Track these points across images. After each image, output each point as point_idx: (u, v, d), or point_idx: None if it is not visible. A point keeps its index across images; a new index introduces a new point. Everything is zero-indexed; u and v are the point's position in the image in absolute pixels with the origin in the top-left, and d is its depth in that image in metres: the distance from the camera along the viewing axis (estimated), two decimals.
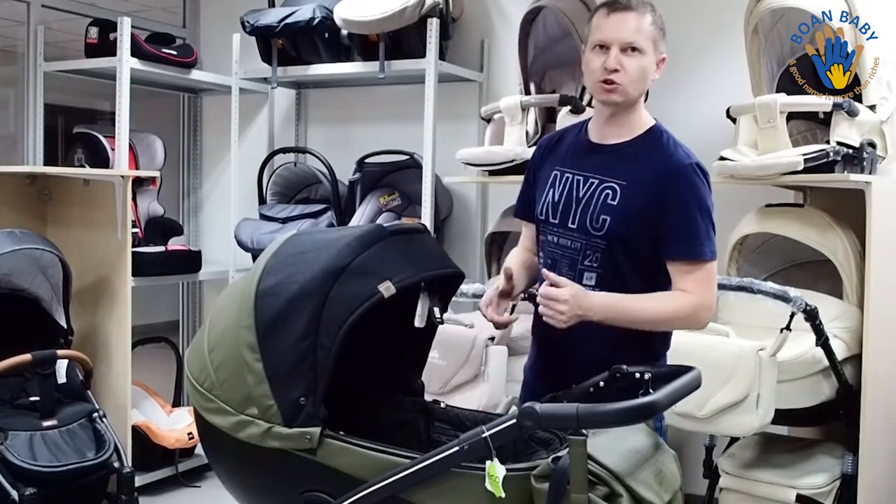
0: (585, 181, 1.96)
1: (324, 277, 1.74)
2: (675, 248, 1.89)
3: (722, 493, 2.93)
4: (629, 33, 1.89)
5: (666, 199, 1.89)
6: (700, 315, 1.91)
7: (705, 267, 1.90)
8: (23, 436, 2.83)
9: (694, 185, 1.90)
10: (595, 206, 1.92)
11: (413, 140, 3.84)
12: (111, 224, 3.41)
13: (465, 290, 3.05)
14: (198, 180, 4.77)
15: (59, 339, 3.19)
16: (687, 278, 1.89)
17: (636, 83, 1.92)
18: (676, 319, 1.93)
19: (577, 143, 2.04)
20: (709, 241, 1.90)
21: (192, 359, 1.89)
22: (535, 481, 1.58)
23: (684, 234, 1.88)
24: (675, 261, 1.90)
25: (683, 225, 1.88)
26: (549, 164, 2.05)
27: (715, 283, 1.94)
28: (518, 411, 1.56)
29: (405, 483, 1.63)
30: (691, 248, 1.89)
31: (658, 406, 1.55)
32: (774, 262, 3.21)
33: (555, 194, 1.99)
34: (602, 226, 1.91)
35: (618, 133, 1.98)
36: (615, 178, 1.93)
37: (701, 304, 1.90)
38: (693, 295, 1.89)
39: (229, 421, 1.78)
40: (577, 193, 1.96)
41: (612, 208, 1.91)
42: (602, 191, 1.93)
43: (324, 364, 1.71)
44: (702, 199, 1.91)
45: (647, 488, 1.61)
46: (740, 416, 2.57)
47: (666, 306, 1.89)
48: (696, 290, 1.89)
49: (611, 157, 1.97)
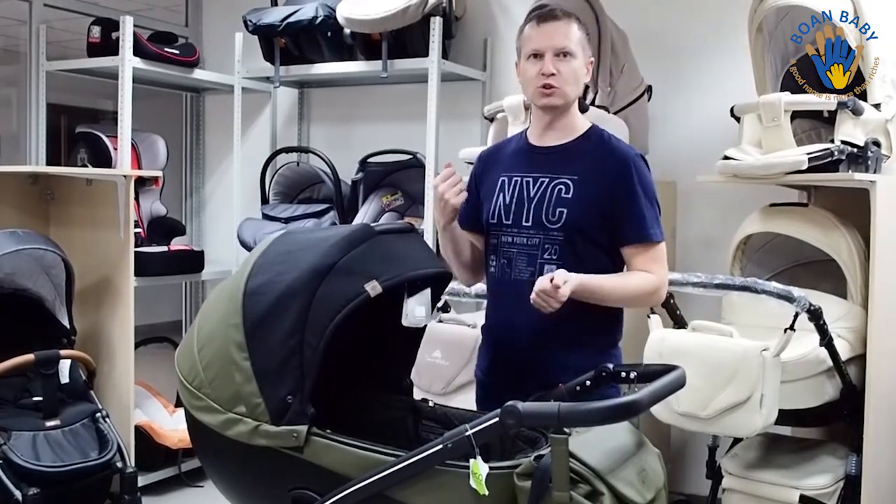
0: (535, 181, 2.08)
1: (311, 276, 1.74)
2: (630, 232, 2.04)
3: (725, 493, 2.91)
4: (561, 39, 2.03)
5: (617, 189, 2.03)
6: (661, 292, 2.09)
7: (657, 248, 2.06)
8: (26, 436, 2.85)
9: (641, 174, 2.06)
10: (549, 202, 2.04)
11: (416, 139, 3.82)
12: (114, 224, 3.41)
13: (467, 291, 3.05)
14: (200, 180, 4.78)
15: (62, 339, 3.20)
16: (643, 259, 2.04)
17: (571, 85, 2.06)
18: (643, 295, 2.08)
19: (520, 150, 2.17)
20: (657, 224, 2.07)
21: (182, 357, 1.90)
22: (517, 479, 1.58)
23: (636, 219, 2.03)
24: (630, 244, 2.05)
25: (635, 211, 2.03)
26: (494, 173, 2.16)
27: (666, 263, 2.10)
28: (501, 410, 1.56)
29: (390, 481, 1.63)
30: (644, 231, 2.03)
31: (640, 405, 1.54)
32: (778, 261, 3.20)
33: (505, 197, 2.10)
34: (559, 218, 2.03)
35: (559, 136, 2.11)
36: (566, 174, 2.06)
37: (661, 282, 2.07)
38: (653, 274, 2.04)
39: (218, 419, 1.79)
40: (529, 193, 2.08)
41: (568, 201, 2.03)
42: (555, 187, 2.05)
43: (311, 362, 1.71)
44: (648, 186, 2.06)
45: (630, 486, 1.61)
46: (744, 416, 2.56)
47: (636, 284, 2.04)
48: (655, 270, 2.05)
49: (557, 156, 2.09)
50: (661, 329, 2.82)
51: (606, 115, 3.16)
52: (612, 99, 3.32)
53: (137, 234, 3.86)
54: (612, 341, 2.12)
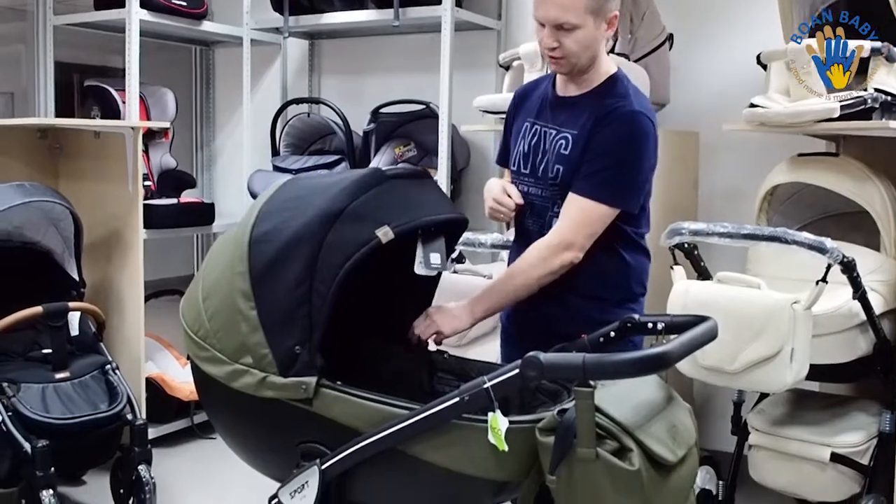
0: (549, 132, 2.00)
1: (319, 222, 1.65)
2: (580, 180, 1.90)
3: (751, 450, 2.84)
4: (557, 13, 1.87)
5: (591, 143, 1.90)
6: (558, 256, 1.89)
7: (587, 207, 1.89)
8: (35, 388, 2.80)
9: (623, 133, 1.89)
10: (552, 156, 1.96)
11: (429, 90, 3.74)
12: (123, 177, 3.37)
13: (483, 241, 2.98)
14: (211, 133, 4.74)
15: (72, 291, 3.15)
16: (565, 211, 1.91)
17: (578, 54, 1.92)
18: (538, 268, 1.91)
19: (545, 96, 2.07)
20: (612, 187, 1.89)
21: (187, 307, 1.83)
22: (539, 434, 1.50)
23: (591, 173, 1.89)
24: (572, 192, 1.91)
25: (594, 167, 1.89)
26: (522, 116, 2.09)
27: (589, 229, 1.90)
28: (521, 360, 1.47)
29: (404, 435, 1.55)
30: (589, 185, 1.89)
31: (671, 357, 1.45)
32: (805, 213, 3.10)
33: (525, 145, 2.04)
34: (556, 175, 1.95)
35: (579, 86, 2.00)
36: (569, 128, 1.96)
37: (559, 242, 1.89)
38: (547, 236, 1.91)
39: (224, 370, 1.72)
40: (544, 145, 2.00)
41: (564, 157, 1.94)
42: (558, 141, 1.97)
43: (319, 311, 1.63)
44: (624, 148, 1.90)
45: (660, 443, 1.52)
46: (773, 370, 2.48)
47: (525, 266, 1.92)
48: (559, 228, 1.90)
49: (569, 108, 1.99)
50: (685, 281, 2.74)
51: (627, 62, 3.09)
52: (633, 47, 3.25)
53: (147, 187, 3.85)
54: (630, 295, 2.02)
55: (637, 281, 2.04)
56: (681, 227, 2.71)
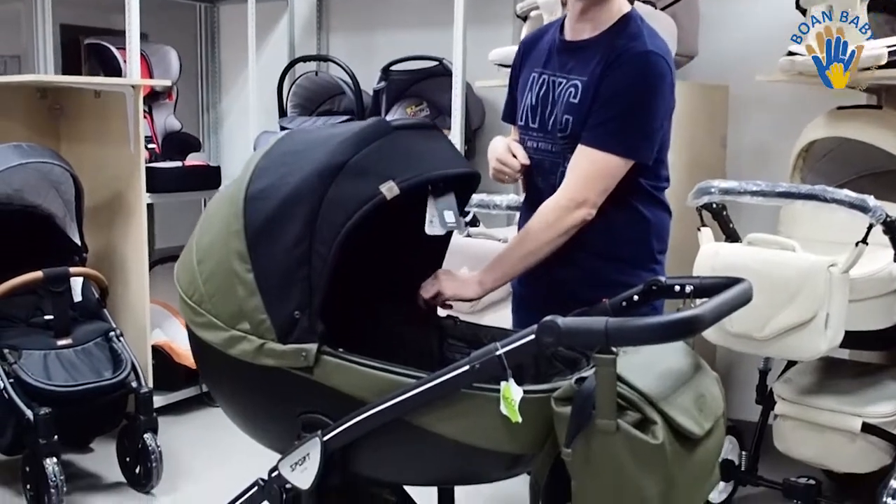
0: (557, 81, 1.88)
1: (318, 178, 1.52)
2: (588, 130, 1.78)
3: (777, 420, 2.74)
4: None
5: (601, 89, 1.78)
6: (566, 220, 1.79)
7: (600, 159, 1.77)
8: (37, 354, 2.75)
9: (635, 75, 1.77)
10: (560, 107, 1.84)
11: (442, 46, 3.59)
12: (124, 138, 3.28)
13: (498, 202, 2.89)
14: (217, 95, 4.64)
15: (74, 256, 3.09)
16: (573, 164, 1.79)
17: None
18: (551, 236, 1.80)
19: (552, 43, 1.93)
20: (624, 135, 1.78)
21: (181, 270, 1.72)
22: (555, 405, 1.38)
23: (600, 122, 1.77)
24: (581, 144, 1.79)
25: (604, 116, 1.77)
26: (529, 66, 1.96)
27: (602, 183, 1.78)
28: (538, 325, 1.35)
29: (410, 405, 1.44)
30: (598, 135, 1.77)
31: (703, 321, 1.32)
32: (843, 171, 2.96)
33: (532, 98, 1.91)
34: (565, 126, 1.83)
35: (590, 28, 1.87)
36: (578, 74, 1.84)
37: (560, 202, 1.79)
38: (556, 194, 1.80)
39: (220, 337, 1.60)
40: (553, 95, 1.88)
41: (574, 107, 1.82)
42: (567, 90, 1.84)
43: (320, 274, 1.51)
44: (636, 92, 1.77)
45: (685, 414, 1.40)
46: (806, 337, 2.37)
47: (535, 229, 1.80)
48: (568, 184, 1.79)
49: (578, 53, 1.86)
50: (713, 243, 2.63)
51: (652, 10, 2.93)
52: None
53: (152, 149, 3.79)
54: (649, 254, 1.89)
55: (657, 238, 1.91)
56: (710, 186, 2.60)
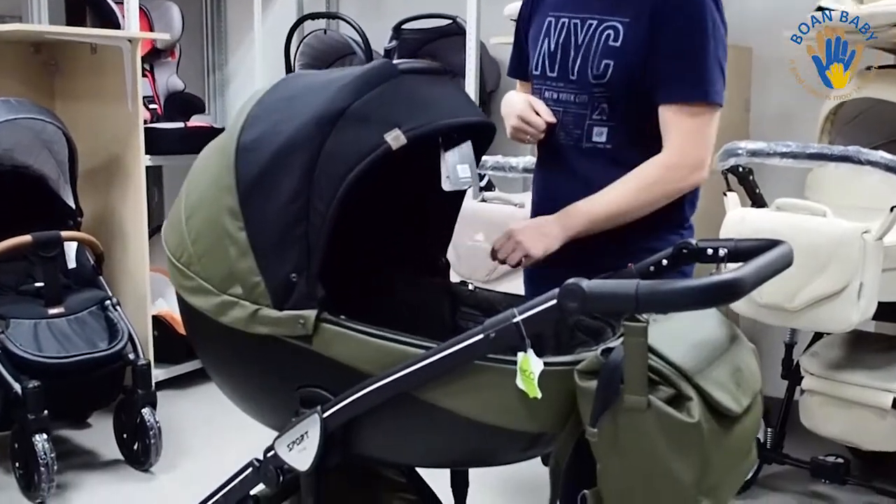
0: (584, 24, 1.70)
1: (316, 125, 1.37)
2: (670, 87, 1.62)
3: (804, 395, 2.62)
4: None
5: (662, 24, 1.60)
6: (681, 182, 1.64)
7: (701, 112, 1.62)
8: (26, 324, 2.62)
9: (706, 15, 1.61)
10: (595, 51, 1.67)
11: (455, 3, 3.44)
12: (122, 96, 3.14)
13: (514, 164, 2.77)
14: (223, 56, 4.49)
15: (68, 220, 2.96)
16: (671, 128, 1.62)
17: None
18: (656, 196, 1.64)
19: None
20: (712, 79, 1.63)
21: (169, 229, 1.58)
22: (579, 378, 1.24)
23: (682, 67, 1.61)
24: (667, 104, 1.63)
25: (681, 56, 1.61)
26: (541, 13, 1.79)
27: (708, 136, 1.65)
28: (559, 289, 1.21)
29: (419, 378, 1.30)
30: (689, 86, 1.61)
31: (745, 284, 1.17)
32: (873, 135, 2.82)
33: (550, 43, 1.74)
34: (604, 72, 1.66)
35: None
36: (617, 15, 1.66)
37: (677, 161, 1.63)
38: (664, 154, 1.63)
39: (211, 302, 1.47)
40: (576, 40, 1.70)
41: (615, 50, 1.65)
42: (603, 32, 1.67)
43: (319, 232, 1.36)
44: (707, 24, 1.61)
45: (722, 389, 1.26)
46: (838, 308, 2.25)
47: (635, 187, 1.63)
48: (677, 145, 1.62)
49: None
50: (739, 208, 2.48)
51: None
52: None
53: (153, 110, 3.67)
54: (677, 220, 1.74)
55: (690, 202, 1.76)
56: (737, 148, 2.46)
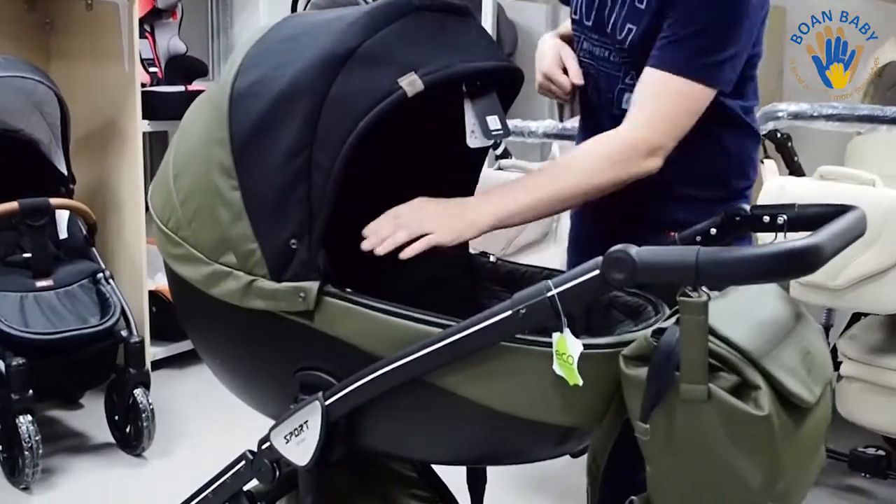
0: None
1: (321, 68, 1.19)
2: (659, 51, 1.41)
3: (842, 381, 2.46)
4: None
5: None
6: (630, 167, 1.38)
7: (670, 82, 1.40)
8: (12, 297, 2.48)
9: None
10: (622, 10, 1.48)
11: None
12: (119, 56, 2.99)
13: (533, 129, 2.62)
14: (228, 19, 4.33)
15: (60, 187, 2.81)
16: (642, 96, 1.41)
17: None
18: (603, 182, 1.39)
19: None
20: (702, 55, 1.40)
21: (155, 190, 1.41)
22: (625, 364, 1.06)
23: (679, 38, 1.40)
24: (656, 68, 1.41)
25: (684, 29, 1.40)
26: None
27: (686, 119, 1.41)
28: (603, 258, 1.03)
29: (435, 361, 1.13)
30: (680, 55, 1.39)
31: (824, 251, 1.00)
32: None
33: None
34: (626, 36, 1.48)
35: None
36: None
37: (634, 144, 1.38)
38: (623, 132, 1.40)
39: (201, 272, 1.30)
40: None
41: (638, 14, 1.46)
42: None
43: (322, 192, 1.19)
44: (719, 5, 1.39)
45: (793, 376, 1.08)
46: (886, 287, 2.13)
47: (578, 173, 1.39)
48: (639, 119, 1.40)
49: None
50: (778, 177, 2.34)
51: None
52: None
53: (154, 73, 3.51)
54: (732, 191, 1.54)
55: (738, 173, 1.56)
56: (777, 110, 2.31)
